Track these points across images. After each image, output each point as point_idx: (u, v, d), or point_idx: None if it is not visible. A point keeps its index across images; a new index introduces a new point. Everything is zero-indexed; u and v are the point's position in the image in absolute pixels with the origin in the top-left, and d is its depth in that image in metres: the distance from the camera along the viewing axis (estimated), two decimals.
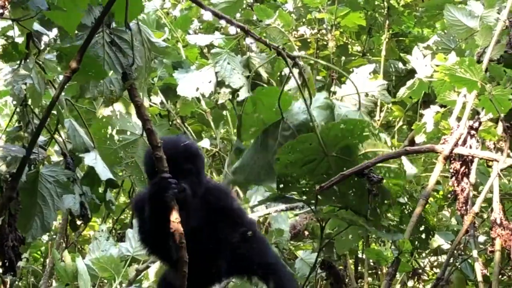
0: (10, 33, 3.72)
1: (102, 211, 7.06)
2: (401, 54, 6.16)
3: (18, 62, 3.65)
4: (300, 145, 3.99)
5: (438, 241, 6.07)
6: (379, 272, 6.87)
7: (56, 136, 4.06)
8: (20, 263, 6.01)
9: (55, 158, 4.72)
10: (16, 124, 3.93)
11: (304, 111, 4.18)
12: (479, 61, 4.54)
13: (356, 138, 3.97)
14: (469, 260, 5.52)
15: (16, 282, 6.63)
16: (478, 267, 4.50)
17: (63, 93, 3.62)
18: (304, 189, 4.09)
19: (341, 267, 6.53)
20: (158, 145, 2.98)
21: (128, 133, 4.28)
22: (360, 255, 6.82)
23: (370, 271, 6.94)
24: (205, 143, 5.96)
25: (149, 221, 3.00)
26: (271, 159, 4.22)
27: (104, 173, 3.98)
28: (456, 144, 4.29)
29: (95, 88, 3.48)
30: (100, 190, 4.15)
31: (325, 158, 4.04)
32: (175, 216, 2.87)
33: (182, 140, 3.20)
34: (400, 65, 6.72)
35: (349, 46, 7.39)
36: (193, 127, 6.50)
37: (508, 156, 4.16)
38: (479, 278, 4.47)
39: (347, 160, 4.04)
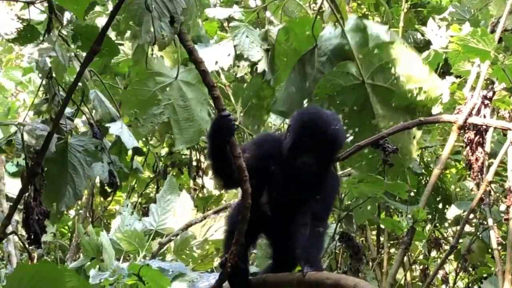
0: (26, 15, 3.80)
1: (127, 186, 7.20)
2: (417, 26, 6.17)
3: (42, 36, 3.73)
4: (337, 75, 4.10)
5: (456, 211, 6.10)
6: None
7: (82, 107, 4.15)
8: (48, 238, 6.14)
9: (82, 129, 4.82)
10: (43, 97, 4.03)
11: (336, 35, 4.27)
12: (493, 31, 4.57)
13: (390, 61, 4.11)
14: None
15: (44, 257, 6.76)
16: (493, 235, 4.55)
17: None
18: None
19: (362, 238, 6.61)
20: (214, 85, 3.05)
21: (165, 75, 4.34)
22: (382, 226, 6.87)
23: (392, 242, 6.99)
24: None
25: (213, 157, 3.06)
26: (311, 87, 4.32)
27: (130, 141, 4.08)
28: (470, 114, 4.32)
29: (146, 34, 3.52)
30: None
31: (363, 86, 4.19)
32: (237, 151, 2.95)
33: (332, 122, 3.10)
34: (419, 36, 6.73)
35: (369, 17, 7.39)
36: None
37: None
38: (494, 245, 4.53)
39: (384, 87, 4.20)
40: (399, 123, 4.13)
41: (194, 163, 7.35)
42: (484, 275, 6.29)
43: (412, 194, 5.63)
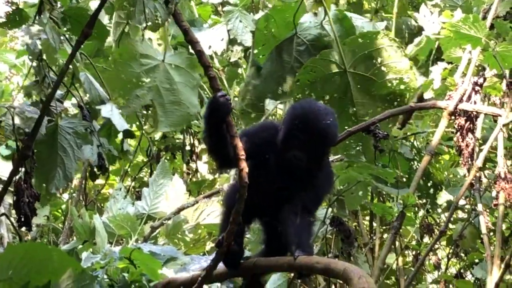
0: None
1: (120, 169, 7.21)
2: (410, 12, 6.18)
3: (33, 19, 3.74)
4: (320, 62, 4.14)
5: (447, 196, 6.14)
6: None
7: (72, 89, 4.16)
8: (41, 221, 6.16)
9: (72, 112, 4.83)
10: (33, 79, 4.04)
11: (316, 25, 4.31)
12: (485, 18, 4.58)
13: (373, 51, 4.18)
14: None
15: (37, 239, 6.78)
16: (483, 220, 4.58)
17: None
18: None
19: (355, 223, 6.63)
20: (209, 66, 3.05)
21: (151, 57, 4.36)
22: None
23: (384, 227, 7.02)
24: None
25: (209, 137, 3.06)
26: (287, 75, 4.36)
27: (121, 124, 4.09)
28: (460, 100, 4.34)
29: (140, 14, 3.53)
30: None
31: (345, 74, 4.25)
32: (234, 130, 2.95)
33: (324, 117, 3.09)
34: (413, 22, 6.73)
35: (364, 3, 7.38)
36: (208, 85, 6.56)
37: (511, 110, 4.21)
38: (484, 230, 4.56)
39: (365, 76, 4.27)
40: (377, 111, 4.19)
41: (188, 147, 7.36)
42: (476, 261, 6.33)
43: (404, 180, 5.67)
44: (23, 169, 3.65)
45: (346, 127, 4.24)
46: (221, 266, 3.16)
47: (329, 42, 4.31)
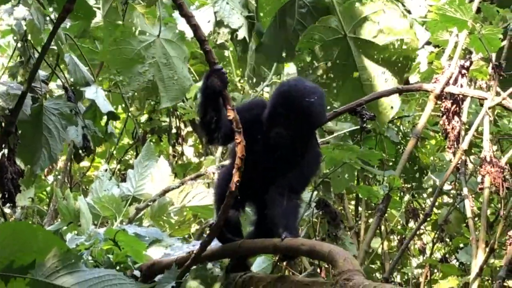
0: None
1: (106, 152, 7.19)
2: None
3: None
4: (319, 29, 4.15)
5: (432, 180, 6.15)
6: None
7: (57, 71, 4.14)
8: (25, 203, 6.13)
9: (57, 93, 4.81)
10: (18, 60, 4.02)
11: None
12: (472, 1, 4.57)
13: (371, 14, 4.25)
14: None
15: (22, 221, 6.75)
16: (468, 203, 4.59)
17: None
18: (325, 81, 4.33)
19: (340, 207, 6.64)
20: (205, 39, 3.04)
21: (147, 34, 4.37)
22: (360, 196, 6.91)
23: (370, 212, 7.04)
24: None
25: (204, 110, 3.07)
26: (291, 38, 4.40)
27: (105, 106, 4.08)
28: (447, 83, 4.34)
29: None
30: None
31: (345, 39, 4.31)
32: (231, 103, 2.96)
33: (309, 95, 3.08)
34: (400, 6, 6.72)
35: None
36: (195, 68, 6.55)
37: (497, 94, 4.20)
38: (469, 214, 4.57)
39: (366, 40, 4.33)
40: (381, 74, 4.21)
41: (174, 130, 7.35)
42: (461, 245, 6.36)
43: (390, 163, 5.68)
44: (6, 146, 3.63)
45: (351, 94, 4.32)
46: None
47: (330, 4, 4.30)
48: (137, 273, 3.42)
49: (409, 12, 5.10)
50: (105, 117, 4.45)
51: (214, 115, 3.04)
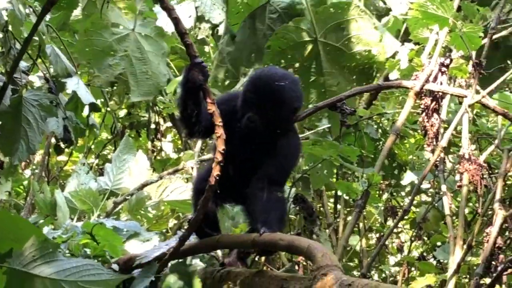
0: None
1: (84, 146, 7.16)
2: None
3: None
4: (292, 30, 4.16)
5: (411, 177, 6.17)
6: None
7: (38, 62, 4.12)
8: (2, 196, 6.10)
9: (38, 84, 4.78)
10: None
11: None
12: None
13: (344, 22, 4.26)
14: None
15: None
16: (447, 200, 4.60)
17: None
18: None
19: (319, 204, 6.64)
20: (185, 32, 3.01)
21: (121, 27, 4.35)
22: (339, 193, 6.92)
23: (348, 209, 7.05)
24: None
25: (184, 104, 3.04)
26: (260, 42, 4.39)
27: (87, 97, 4.06)
28: (427, 80, 4.34)
29: None
30: None
31: (315, 43, 4.31)
32: (212, 97, 2.93)
33: (280, 80, 3.06)
34: (381, 3, 6.72)
35: None
36: (175, 63, 6.52)
37: (477, 92, 4.21)
38: (447, 211, 4.58)
39: (335, 46, 4.34)
40: (345, 83, 4.23)
41: (153, 126, 7.33)
42: (438, 244, 6.38)
43: (369, 160, 5.68)
44: None
45: (314, 97, 4.37)
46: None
47: (302, 10, 4.33)
48: (115, 266, 3.39)
49: (390, 10, 5.12)
50: (87, 109, 4.43)
51: (194, 108, 3.01)
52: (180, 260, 3.23)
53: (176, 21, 3.06)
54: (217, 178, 2.91)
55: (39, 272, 2.65)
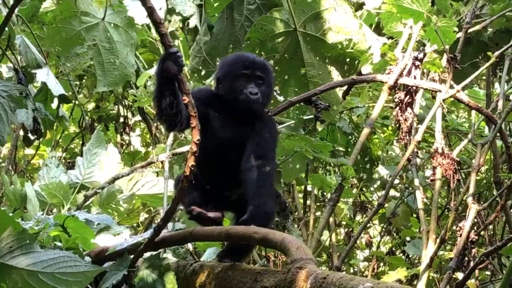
0: None
1: (51, 140, 7.08)
2: None
3: None
4: (270, 21, 4.17)
5: (383, 171, 6.19)
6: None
7: (8, 52, 4.06)
8: None
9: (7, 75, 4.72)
10: None
11: None
12: None
13: (323, 11, 4.29)
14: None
15: None
16: (419, 195, 4.60)
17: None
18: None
19: (289, 199, 6.63)
20: (160, 22, 2.97)
21: (91, 16, 4.32)
22: (309, 188, 6.92)
23: (318, 204, 7.05)
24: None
25: (160, 95, 3.02)
26: (238, 33, 4.45)
27: (56, 88, 4.02)
28: (401, 75, 4.36)
29: None
30: None
31: (294, 33, 4.34)
32: (187, 88, 2.91)
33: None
34: None
35: None
36: (144, 56, 6.47)
37: (451, 87, 4.23)
38: (420, 205, 4.58)
39: (315, 37, 4.36)
40: (328, 73, 4.22)
41: (121, 119, 7.28)
42: (408, 239, 6.40)
43: (341, 154, 5.68)
44: None
45: (296, 89, 4.39)
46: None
47: (279, 1, 4.32)
48: (87, 259, 3.35)
49: (363, 4, 5.12)
50: (56, 100, 4.39)
51: (172, 99, 2.99)
52: (154, 253, 3.20)
53: (150, 10, 3.01)
54: (192, 168, 2.89)
55: (16, 263, 2.63)
